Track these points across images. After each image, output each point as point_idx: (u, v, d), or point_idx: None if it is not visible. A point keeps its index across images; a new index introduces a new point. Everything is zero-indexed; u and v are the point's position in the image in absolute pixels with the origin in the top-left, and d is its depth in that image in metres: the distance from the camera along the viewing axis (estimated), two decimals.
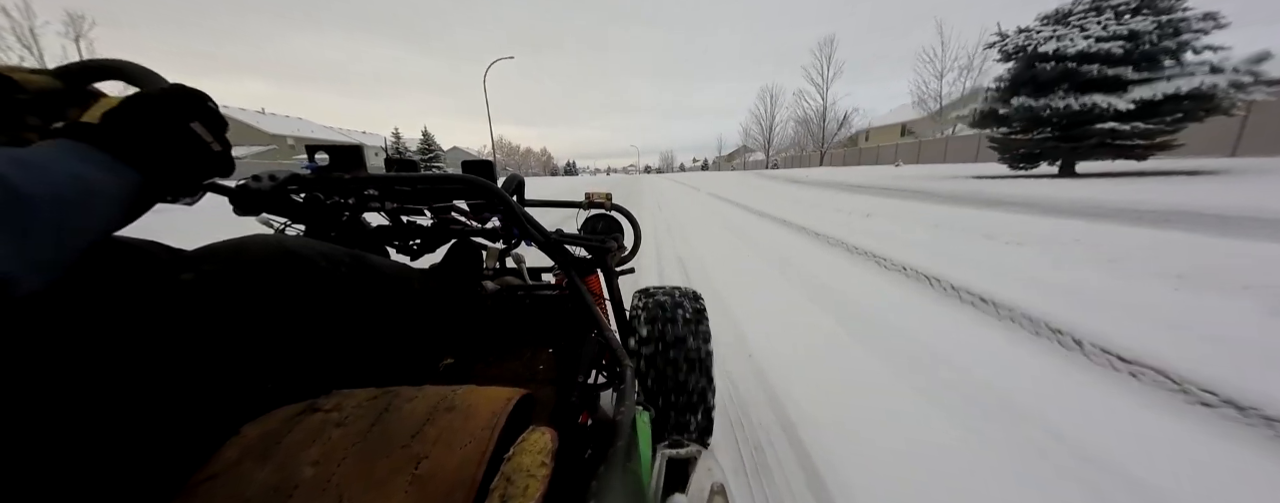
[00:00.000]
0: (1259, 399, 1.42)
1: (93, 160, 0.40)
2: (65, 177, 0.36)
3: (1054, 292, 2.42)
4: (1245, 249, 2.78)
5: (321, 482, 0.34)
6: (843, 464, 1.27)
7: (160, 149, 0.46)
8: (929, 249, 3.60)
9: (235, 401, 0.42)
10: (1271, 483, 1.19)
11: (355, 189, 0.85)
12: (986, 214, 5.05)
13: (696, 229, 5.90)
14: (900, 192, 8.30)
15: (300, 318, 0.50)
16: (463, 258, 1.08)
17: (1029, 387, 1.67)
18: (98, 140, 0.42)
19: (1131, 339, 1.83)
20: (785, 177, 18.43)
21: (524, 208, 0.88)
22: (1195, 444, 1.33)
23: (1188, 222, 3.75)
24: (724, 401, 1.61)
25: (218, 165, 0.52)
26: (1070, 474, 1.23)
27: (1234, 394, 1.46)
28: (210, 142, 0.50)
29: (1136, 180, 6.68)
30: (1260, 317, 1.91)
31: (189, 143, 0.48)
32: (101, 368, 0.35)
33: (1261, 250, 2.73)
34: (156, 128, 0.46)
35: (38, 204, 0.33)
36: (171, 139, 0.47)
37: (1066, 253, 3.09)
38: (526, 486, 0.36)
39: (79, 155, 0.39)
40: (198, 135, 0.49)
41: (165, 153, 0.46)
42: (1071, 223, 4.16)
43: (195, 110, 0.49)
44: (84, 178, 0.38)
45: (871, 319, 2.39)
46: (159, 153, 0.45)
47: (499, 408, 0.43)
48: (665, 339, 1.07)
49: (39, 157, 0.36)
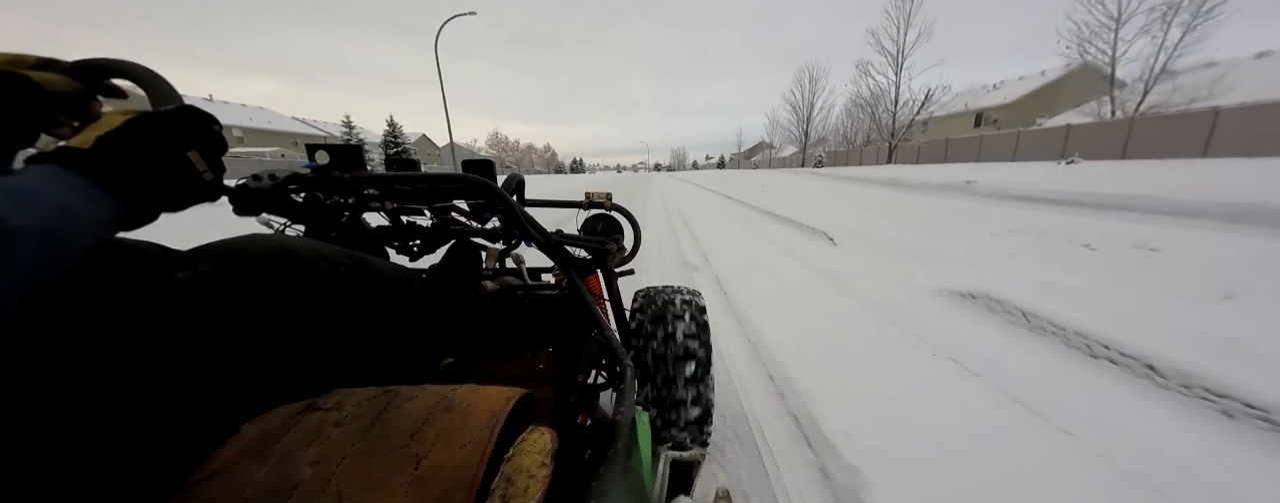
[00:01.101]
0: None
1: (79, 190, 0.39)
2: (53, 209, 0.36)
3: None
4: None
5: (321, 481, 0.34)
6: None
7: (149, 180, 0.44)
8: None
9: (234, 400, 0.42)
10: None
11: (355, 189, 0.85)
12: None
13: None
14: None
15: (299, 318, 0.50)
16: (463, 258, 1.07)
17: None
18: (85, 168, 0.40)
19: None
20: (865, 179, 11.30)
21: (524, 208, 0.88)
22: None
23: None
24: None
25: (205, 194, 0.50)
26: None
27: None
28: (203, 171, 0.48)
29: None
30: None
31: (181, 172, 0.47)
32: (99, 367, 0.35)
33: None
34: (150, 158, 0.44)
35: (26, 238, 0.33)
36: (163, 169, 0.45)
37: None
38: (527, 486, 0.36)
39: (67, 185, 0.39)
40: (192, 165, 0.47)
41: (153, 184, 0.45)
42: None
43: (196, 138, 0.48)
44: (71, 209, 0.38)
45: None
46: (147, 184, 0.44)
47: (498, 408, 0.43)
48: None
49: (29, 186, 0.36)
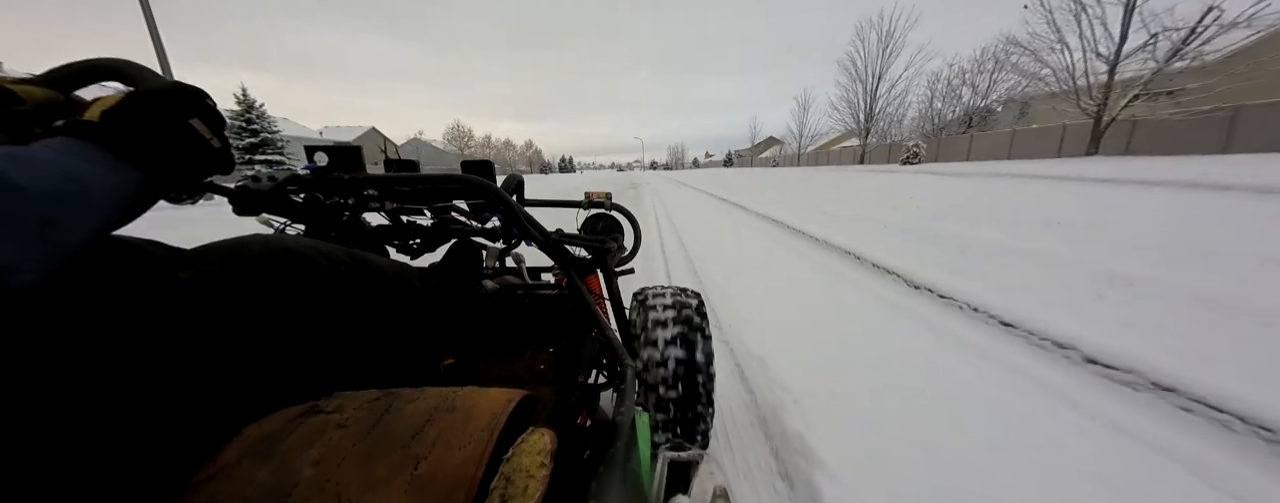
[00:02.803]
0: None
1: (92, 158, 0.40)
2: (60, 173, 0.36)
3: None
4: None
5: (321, 482, 0.34)
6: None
7: (160, 146, 0.46)
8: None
9: (235, 400, 0.42)
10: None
11: (355, 189, 0.85)
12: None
13: None
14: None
15: (300, 318, 0.50)
16: (463, 258, 1.07)
17: None
18: (98, 138, 0.42)
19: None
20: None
21: (523, 208, 0.88)
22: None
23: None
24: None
25: (218, 162, 0.52)
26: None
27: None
28: (210, 138, 0.50)
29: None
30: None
31: (189, 139, 0.48)
32: (101, 367, 0.35)
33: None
34: (157, 124, 0.46)
35: (31, 199, 0.33)
36: (171, 136, 0.47)
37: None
38: (526, 486, 0.36)
39: (78, 153, 0.39)
40: (197, 132, 0.49)
41: (165, 149, 0.46)
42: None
43: (194, 107, 0.49)
44: (81, 176, 0.38)
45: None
46: (159, 150, 0.45)
47: (499, 409, 0.43)
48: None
49: (36, 153, 0.36)
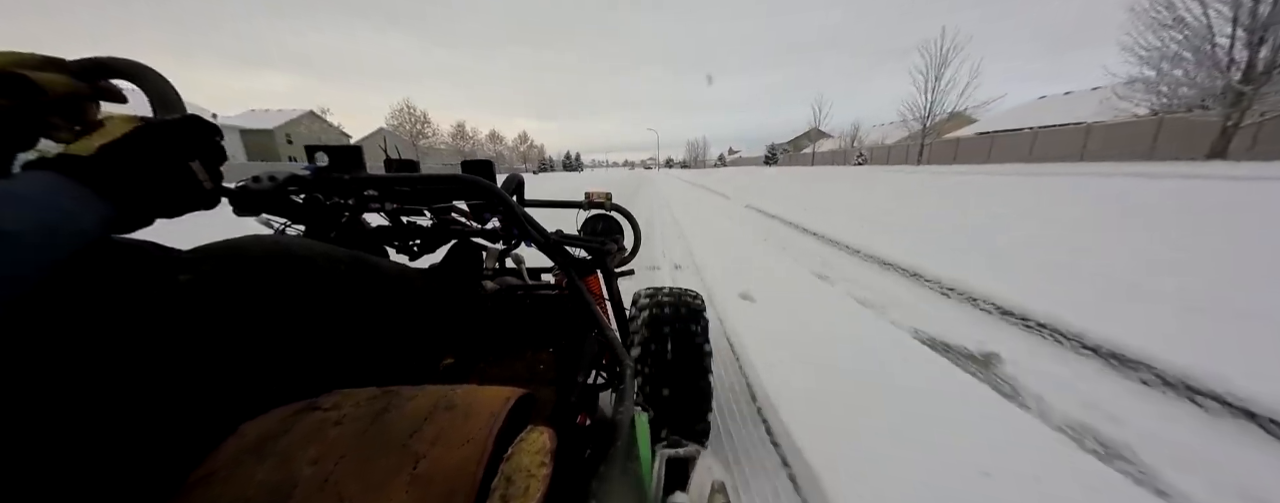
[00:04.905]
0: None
1: (76, 196, 0.40)
2: (46, 213, 0.37)
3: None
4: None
5: (320, 481, 0.34)
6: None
7: (148, 189, 0.44)
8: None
9: (234, 400, 0.42)
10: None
11: (355, 190, 0.85)
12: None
13: None
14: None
15: (299, 318, 0.50)
16: (463, 258, 1.07)
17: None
18: (86, 176, 0.41)
19: None
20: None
21: (524, 208, 0.88)
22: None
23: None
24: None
25: (203, 202, 0.50)
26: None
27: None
28: (204, 180, 0.49)
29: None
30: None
31: (183, 183, 0.47)
32: (99, 367, 0.35)
33: None
34: (154, 168, 0.44)
35: (16, 241, 0.34)
36: (166, 179, 0.45)
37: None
38: (527, 486, 0.36)
39: (65, 191, 0.39)
40: (193, 175, 0.47)
41: (152, 192, 0.45)
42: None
43: (199, 148, 0.48)
44: (68, 213, 0.38)
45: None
46: (145, 192, 0.44)
47: (497, 408, 0.43)
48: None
49: (24, 191, 0.37)
